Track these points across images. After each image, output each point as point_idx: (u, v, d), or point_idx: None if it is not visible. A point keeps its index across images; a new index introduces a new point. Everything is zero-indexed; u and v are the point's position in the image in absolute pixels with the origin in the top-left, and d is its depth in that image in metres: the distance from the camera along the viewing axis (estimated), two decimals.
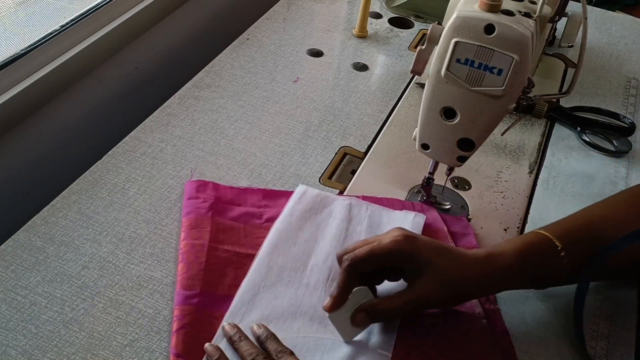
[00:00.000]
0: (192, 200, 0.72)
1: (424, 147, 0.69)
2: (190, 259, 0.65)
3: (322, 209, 0.72)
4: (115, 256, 0.66)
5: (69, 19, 0.85)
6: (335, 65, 1.00)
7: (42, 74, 0.79)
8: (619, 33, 1.18)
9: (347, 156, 0.83)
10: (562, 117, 0.92)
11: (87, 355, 0.58)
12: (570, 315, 0.65)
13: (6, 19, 0.86)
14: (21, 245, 0.66)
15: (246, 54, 0.99)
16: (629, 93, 1.01)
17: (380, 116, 0.90)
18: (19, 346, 0.58)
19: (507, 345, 0.62)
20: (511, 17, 0.59)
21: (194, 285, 0.63)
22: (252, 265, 0.65)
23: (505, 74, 0.60)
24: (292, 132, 0.86)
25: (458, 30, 0.60)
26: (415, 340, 0.61)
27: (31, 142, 0.82)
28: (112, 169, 0.77)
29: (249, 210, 0.72)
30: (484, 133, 0.65)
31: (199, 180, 0.75)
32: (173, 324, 0.60)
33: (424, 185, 0.76)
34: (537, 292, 0.67)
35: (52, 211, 0.70)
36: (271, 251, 0.67)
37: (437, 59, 0.63)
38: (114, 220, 0.70)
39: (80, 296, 0.62)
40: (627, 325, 0.66)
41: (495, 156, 0.85)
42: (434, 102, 0.65)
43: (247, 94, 0.91)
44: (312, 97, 0.92)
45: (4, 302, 0.61)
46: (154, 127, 0.83)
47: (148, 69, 1.01)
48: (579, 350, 0.62)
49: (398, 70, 1.00)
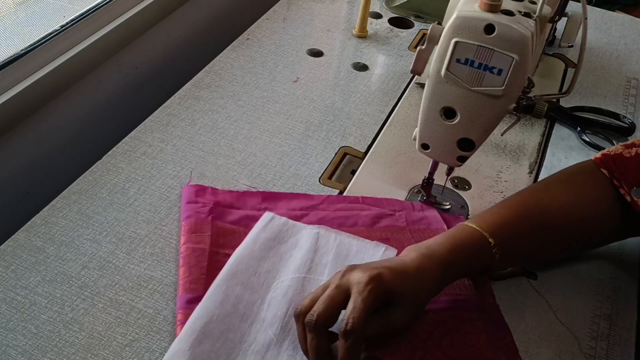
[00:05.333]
0: (191, 204, 0.71)
1: (424, 147, 0.69)
2: (191, 262, 0.65)
3: (288, 238, 0.69)
4: (115, 256, 0.66)
5: (69, 19, 0.85)
6: (335, 65, 1.00)
7: (42, 74, 0.79)
8: (619, 33, 1.18)
9: (347, 156, 0.83)
10: (562, 117, 0.92)
11: (87, 355, 0.58)
12: (570, 315, 0.65)
13: (6, 19, 0.86)
14: (21, 245, 0.66)
15: (246, 54, 0.99)
16: (629, 93, 1.01)
17: (380, 116, 0.90)
18: (19, 346, 0.58)
19: (509, 342, 0.62)
20: (511, 17, 0.59)
21: (196, 289, 0.62)
22: (208, 290, 0.62)
23: (505, 74, 0.60)
24: (292, 132, 0.86)
25: (458, 30, 0.60)
26: (419, 342, 0.61)
27: (31, 142, 0.82)
28: (112, 169, 0.77)
29: (248, 214, 0.71)
30: (484, 133, 0.65)
31: (197, 185, 0.75)
32: (176, 328, 0.59)
33: (424, 185, 0.76)
34: (537, 292, 0.67)
35: (52, 211, 0.70)
36: (229, 278, 0.63)
37: (437, 59, 0.63)
38: (114, 220, 0.70)
39: (80, 296, 0.62)
40: (627, 325, 0.66)
41: (495, 156, 0.85)
42: (434, 102, 0.65)
43: (247, 94, 0.91)
44: (312, 97, 0.92)
45: (4, 302, 0.61)
46: (154, 127, 0.83)
47: (148, 69, 1.01)
48: (579, 350, 0.62)
49: (398, 70, 1.00)
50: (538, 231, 0.66)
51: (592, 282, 0.70)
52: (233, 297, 0.62)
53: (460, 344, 0.61)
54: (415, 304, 0.59)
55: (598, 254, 0.73)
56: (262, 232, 0.69)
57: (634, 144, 0.68)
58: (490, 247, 0.62)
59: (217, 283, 0.63)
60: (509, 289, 0.68)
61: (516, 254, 0.66)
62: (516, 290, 0.68)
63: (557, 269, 0.71)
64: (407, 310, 0.58)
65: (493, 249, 0.62)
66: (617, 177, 0.67)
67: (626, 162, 0.67)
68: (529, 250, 0.67)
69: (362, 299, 0.55)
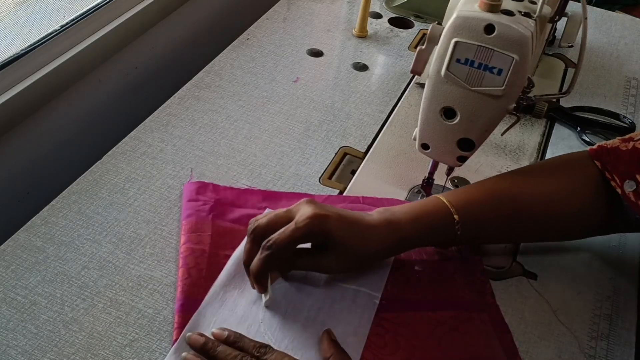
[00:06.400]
0: (191, 202, 0.71)
1: (424, 147, 0.69)
2: (190, 264, 0.65)
3: None
4: (115, 256, 0.66)
5: (69, 19, 0.85)
6: (335, 65, 1.00)
7: (42, 74, 0.79)
8: (619, 33, 1.18)
9: (347, 156, 0.83)
10: (562, 117, 0.92)
11: (87, 355, 0.58)
12: (570, 315, 0.65)
13: (6, 19, 0.86)
14: (21, 245, 0.66)
15: (246, 54, 0.99)
16: (629, 93, 1.01)
17: (380, 116, 0.90)
18: (19, 346, 0.58)
19: (509, 342, 0.62)
20: (511, 17, 0.59)
21: (195, 292, 0.62)
22: (205, 297, 0.62)
23: (505, 74, 0.60)
24: (292, 132, 0.86)
25: (458, 30, 0.60)
26: (418, 342, 0.61)
27: (31, 142, 0.82)
28: (112, 169, 0.77)
29: (249, 212, 0.71)
30: (484, 133, 0.65)
31: (198, 182, 0.75)
32: (174, 331, 0.59)
33: (424, 185, 0.76)
34: (537, 291, 0.67)
35: (52, 211, 0.70)
36: (226, 284, 0.63)
37: (437, 59, 0.63)
38: (114, 220, 0.70)
39: (80, 296, 0.62)
40: (627, 325, 0.66)
41: (495, 156, 0.85)
42: (434, 102, 0.65)
43: (247, 94, 0.91)
44: (312, 97, 0.92)
45: (4, 302, 0.61)
46: (154, 127, 0.83)
47: (148, 69, 1.01)
48: (579, 350, 0.62)
49: (398, 70, 1.00)
50: (506, 218, 0.66)
51: (592, 282, 0.70)
52: (230, 302, 0.62)
53: (460, 344, 0.61)
54: (352, 258, 0.61)
55: (598, 254, 0.73)
56: None
57: (632, 138, 0.68)
58: (453, 224, 0.63)
59: (214, 290, 0.63)
60: (509, 289, 0.68)
61: (480, 234, 0.66)
62: (516, 290, 0.68)
63: (557, 269, 0.71)
64: (339, 259, 0.61)
65: (456, 225, 0.63)
66: (610, 169, 0.67)
67: (621, 154, 0.67)
68: (495, 234, 0.68)
69: (294, 228, 0.59)
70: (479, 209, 0.65)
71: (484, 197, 0.66)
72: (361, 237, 0.61)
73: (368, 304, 0.63)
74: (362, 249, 0.61)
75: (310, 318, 0.61)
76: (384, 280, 0.65)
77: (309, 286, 0.64)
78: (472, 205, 0.65)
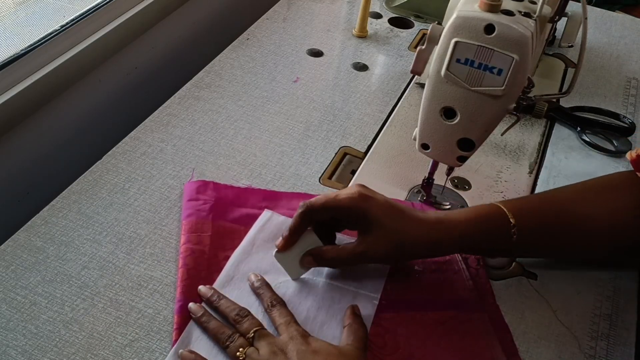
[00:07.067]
0: (192, 202, 0.71)
1: (424, 147, 0.69)
2: (190, 265, 0.65)
3: None
4: (115, 256, 0.66)
5: (69, 19, 0.85)
6: (335, 65, 1.00)
7: (42, 74, 0.79)
8: (619, 33, 1.18)
9: (347, 156, 0.83)
10: (562, 117, 0.92)
11: (87, 355, 0.58)
12: (570, 315, 0.65)
13: (6, 19, 0.86)
14: (21, 245, 0.66)
15: (246, 54, 0.99)
16: (629, 93, 1.01)
17: (380, 116, 0.90)
18: (19, 346, 0.58)
19: (509, 342, 0.62)
20: (511, 17, 0.59)
21: (194, 293, 0.62)
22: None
23: (505, 74, 0.60)
24: (292, 132, 0.86)
25: (458, 30, 0.60)
26: (418, 342, 0.61)
27: (31, 142, 0.82)
28: (112, 169, 0.77)
29: (249, 212, 0.71)
30: (484, 133, 0.65)
31: (199, 181, 0.75)
32: (174, 332, 0.59)
33: (424, 185, 0.76)
34: (537, 292, 0.67)
35: (52, 211, 0.70)
36: (226, 286, 0.63)
37: (437, 59, 0.63)
38: (114, 220, 0.70)
39: (80, 296, 0.62)
40: (627, 325, 0.66)
41: (495, 156, 0.85)
42: (434, 102, 0.65)
43: (247, 94, 0.91)
44: (312, 97, 0.92)
45: (4, 302, 0.61)
46: (154, 127, 0.83)
47: (148, 69, 1.01)
48: (579, 350, 0.62)
49: (398, 70, 1.00)
50: (564, 226, 0.64)
51: (592, 282, 0.70)
52: None
53: (460, 344, 0.61)
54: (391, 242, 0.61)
55: None
56: (259, 233, 0.69)
57: None
58: (509, 227, 0.62)
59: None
60: (509, 289, 0.68)
61: (536, 242, 0.64)
62: (516, 290, 0.68)
63: (557, 269, 0.71)
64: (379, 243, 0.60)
65: (512, 228, 0.62)
66: None
67: None
68: (549, 242, 0.65)
69: (334, 197, 0.60)
70: (536, 213, 0.64)
71: (540, 203, 0.65)
72: (402, 223, 0.60)
73: (367, 305, 0.63)
74: (401, 235, 0.60)
75: (310, 318, 0.61)
76: (383, 281, 0.65)
77: (309, 286, 0.64)
78: (529, 209, 0.64)
